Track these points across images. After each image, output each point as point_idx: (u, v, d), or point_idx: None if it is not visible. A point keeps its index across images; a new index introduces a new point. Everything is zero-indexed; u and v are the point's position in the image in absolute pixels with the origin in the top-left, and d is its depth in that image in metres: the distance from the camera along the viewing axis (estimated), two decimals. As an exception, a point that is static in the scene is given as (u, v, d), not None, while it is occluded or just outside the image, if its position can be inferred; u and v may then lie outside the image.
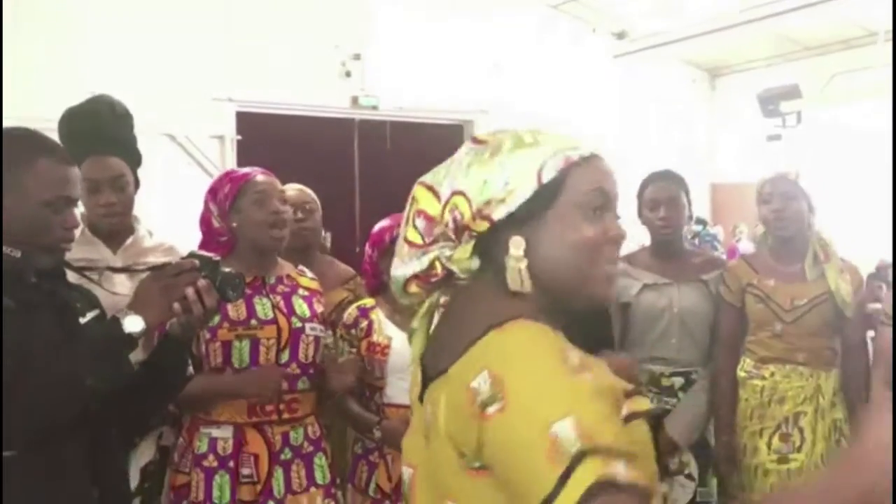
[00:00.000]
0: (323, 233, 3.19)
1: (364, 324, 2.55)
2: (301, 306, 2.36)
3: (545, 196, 1.13)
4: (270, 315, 2.28)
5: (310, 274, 2.52)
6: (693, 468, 2.73)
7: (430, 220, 1.18)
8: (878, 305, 2.76)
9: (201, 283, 1.72)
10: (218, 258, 1.84)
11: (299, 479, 2.29)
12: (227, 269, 1.80)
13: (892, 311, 2.28)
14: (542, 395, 1.00)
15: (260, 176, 2.34)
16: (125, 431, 1.89)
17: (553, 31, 5.76)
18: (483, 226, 1.14)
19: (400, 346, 2.49)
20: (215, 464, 2.23)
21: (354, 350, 2.54)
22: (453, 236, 1.17)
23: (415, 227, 1.19)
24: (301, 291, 2.41)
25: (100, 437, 1.72)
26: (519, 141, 1.15)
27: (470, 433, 1.02)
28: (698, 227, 7.04)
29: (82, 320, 1.74)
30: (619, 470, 0.95)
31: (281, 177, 3.23)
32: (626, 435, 0.98)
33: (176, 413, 2.35)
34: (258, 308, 2.26)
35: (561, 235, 1.14)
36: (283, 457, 2.27)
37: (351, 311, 2.61)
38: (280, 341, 2.28)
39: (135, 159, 2.68)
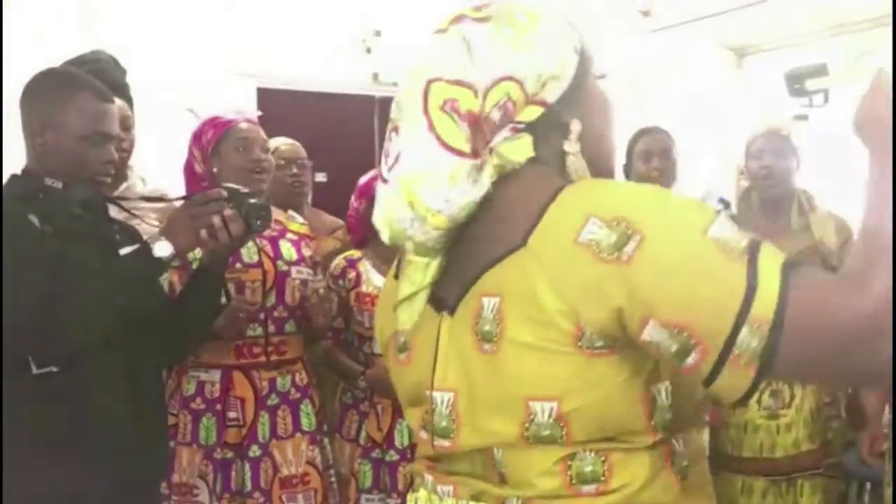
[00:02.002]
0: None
1: (352, 274, 2.60)
2: (288, 250, 2.41)
3: (580, 72, 1.05)
4: (256, 258, 2.32)
5: (300, 219, 2.57)
6: None
7: (473, 118, 1.00)
8: None
9: (228, 212, 1.80)
10: (247, 190, 1.92)
11: (285, 425, 2.34)
12: (253, 200, 1.87)
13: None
14: (673, 210, 0.93)
15: (243, 123, 2.37)
16: (165, 354, 2.00)
17: (579, 8, 5.76)
18: (537, 112, 1.02)
19: None
20: (202, 406, 2.29)
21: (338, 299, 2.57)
22: (500, 132, 1.01)
23: (449, 132, 0.99)
24: (289, 235, 2.45)
25: (138, 359, 1.83)
26: (533, 13, 1.04)
27: (605, 295, 0.90)
28: (720, 207, 7.05)
29: (123, 251, 1.82)
30: (778, 252, 0.90)
31: (302, 153, 3.30)
32: None
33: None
34: (243, 252, 2.29)
35: (600, 112, 1.08)
36: (269, 402, 2.32)
37: (338, 262, 2.64)
38: (265, 284, 2.32)
39: (131, 103, 2.77)
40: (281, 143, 3.15)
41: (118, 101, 2.58)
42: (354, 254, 2.67)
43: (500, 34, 1.02)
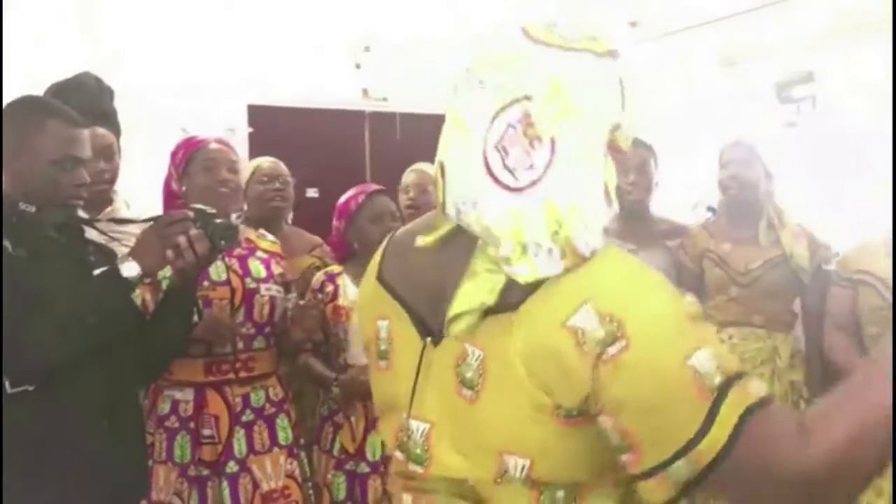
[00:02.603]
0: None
1: (330, 288, 2.67)
2: (257, 268, 2.45)
3: None
4: (224, 277, 2.37)
5: (270, 237, 2.62)
6: None
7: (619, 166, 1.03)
8: (831, 267, 2.81)
9: (193, 232, 1.85)
10: (213, 210, 1.96)
11: (262, 440, 2.39)
12: (219, 220, 1.92)
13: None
14: (669, 327, 0.91)
15: (213, 144, 2.44)
16: (141, 373, 2.04)
17: (568, 20, 5.81)
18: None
19: None
20: (176, 424, 2.33)
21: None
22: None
23: (611, 180, 1.00)
24: (259, 254, 2.50)
25: (114, 377, 1.87)
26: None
27: (577, 381, 0.91)
28: (709, 215, 7.10)
29: (97, 272, 1.86)
30: (754, 388, 0.90)
31: (293, 168, 3.32)
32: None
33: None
34: (211, 270, 2.34)
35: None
36: (244, 418, 2.37)
37: (318, 276, 2.72)
38: (233, 301, 2.37)
39: (118, 132, 2.79)
40: (263, 161, 3.22)
41: (100, 130, 2.62)
42: (335, 269, 2.75)
43: (634, 89, 1.01)
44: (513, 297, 0.96)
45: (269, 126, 5.04)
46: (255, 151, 4.75)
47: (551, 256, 0.94)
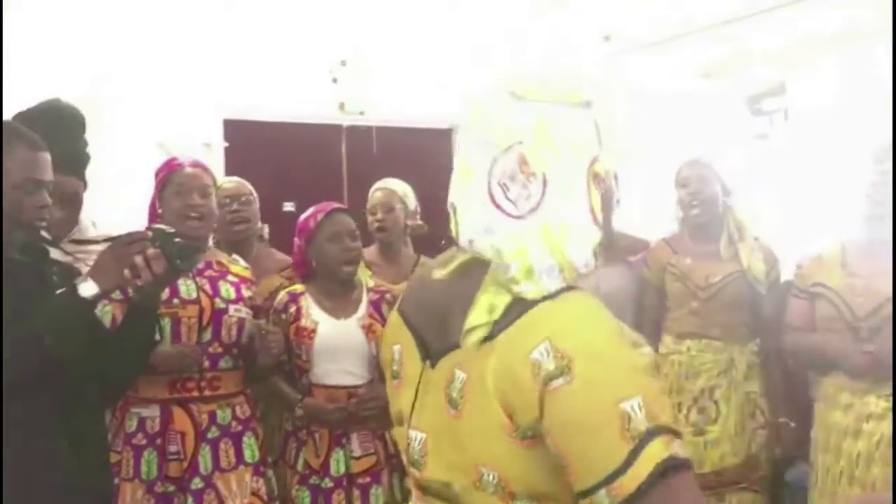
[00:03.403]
0: (259, 224, 3.33)
1: (293, 309, 2.69)
2: (227, 290, 2.49)
3: None
4: (194, 295, 2.41)
5: (243, 263, 2.66)
6: None
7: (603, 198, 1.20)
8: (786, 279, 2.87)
9: (150, 251, 1.87)
10: (172, 230, 1.99)
11: (228, 458, 2.41)
12: (178, 240, 1.94)
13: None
14: (610, 371, 1.05)
15: (187, 168, 2.48)
16: (104, 391, 2.05)
17: (540, 34, 5.87)
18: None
19: (327, 330, 2.65)
20: (143, 441, 2.36)
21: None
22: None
23: (597, 206, 1.19)
24: (230, 277, 2.54)
25: (75, 396, 1.88)
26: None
27: (529, 404, 1.05)
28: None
29: (59, 292, 1.89)
30: (679, 448, 1.03)
31: (270, 183, 3.34)
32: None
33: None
34: (182, 289, 2.39)
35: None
36: (210, 435, 2.39)
37: (282, 297, 2.74)
38: (202, 320, 2.40)
39: (84, 165, 2.77)
40: (225, 181, 3.23)
41: (66, 180, 2.59)
42: (298, 288, 2.76)
43: (610, 128, 1.21)
44: (497, 326, 1.12)
45: (245, 141, 5.06)
46: (231, 166, 4.78)
47: (552, 273, 1.13)
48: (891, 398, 2.47)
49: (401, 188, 3.42)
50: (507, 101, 1.21)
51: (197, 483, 2.36)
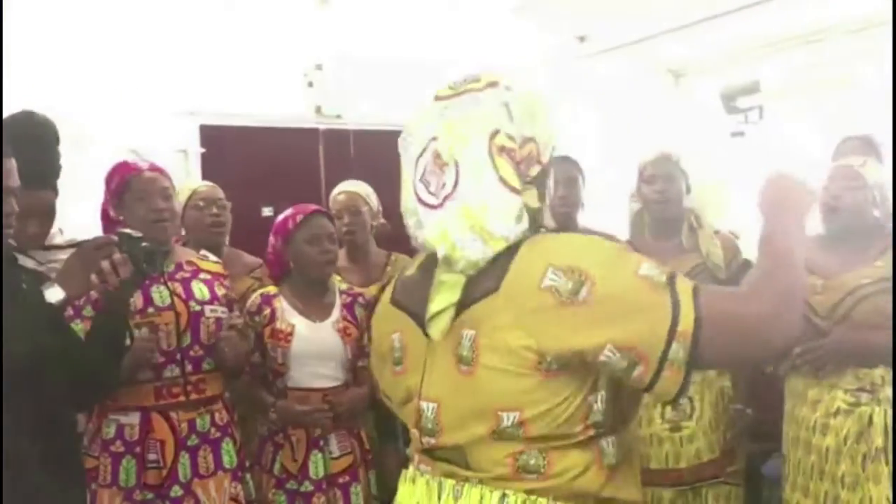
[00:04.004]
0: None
1: (267, 311, 2.68)
2: (201, 290, 2.49)
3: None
4: (168, 301, 2.41)
5: (213, 258, 2.66)
6: None
7: (518, 166, 1.30)
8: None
9: (116, 256, 1.89)
10: (139, 234, 2.00)
11: (206, 464, 2.42)
12: (144, 244, 1.96)
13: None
14: (614, 260, 1.22)
15: (147, 172, 2.46)
16: (75, 397, 2.03)
17: (514, 36, 5.89)
18: (536, 170, 1.34)
19: (303, 333, 2.65)
20: (122, 449, 2.35)
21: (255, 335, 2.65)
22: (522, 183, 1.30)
23: (510, 175, 1.29)
24: (202, 276, 2.54)
25: (45, 402, 1.87)
26: (536, 90, 1.37)
27: (566, 328, 1.19)
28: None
29: (26, 297, 1.88)
30: (687, 279, 1.22)
31: (247, 187, 3.33)
32: None
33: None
34: (155, 296, 2.39)
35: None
36: (189, 443, 2.40)
37: (254, 299, 2.73)
38: (179, 325, 2.40)
39: (57, 177, 2.74)
40: (199, 185, 3.25)
41: (39, 195, 2.57)
42: (270, 290, 2.76)
43: (525, 103, 1.33)
44: (489, 282, 1.25)
45: (221, 146, 5.05)
46: (207, 172, 4.76)
47: (475, 245, 1.25)
48: (857, 394, 2.52)
49: (363, 189, 3.41)
50: (428, 104, 1.37)
51: (176, 491, 2.37)
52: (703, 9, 6.06)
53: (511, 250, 1.26)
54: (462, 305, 1.26)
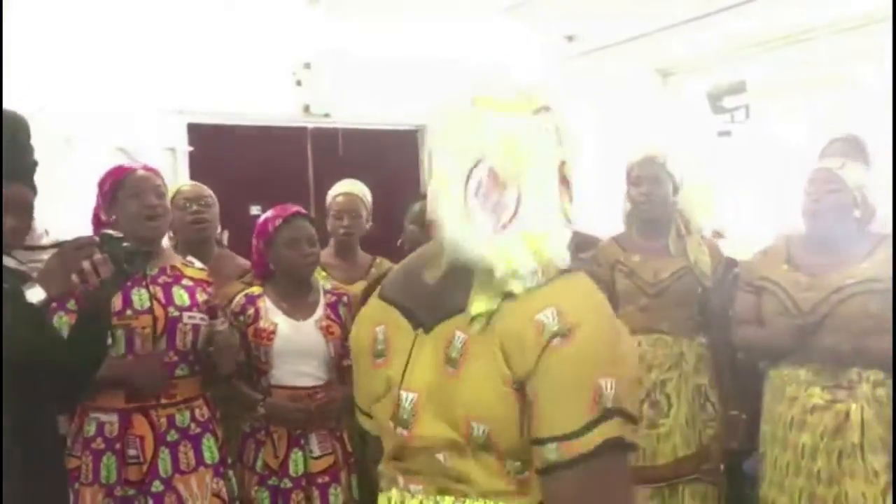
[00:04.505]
0: (219, 229, 3.36)
1: (251, 311, 2.71)
2: (181, 296, 2.50)
3: None
4: (147, 305, 2.42)
5: (198, 265, 2.66)
6: None
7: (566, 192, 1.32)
8: (735, 270, 2.96)
9: (97, 256, 1.89)
10: (121, 235, 2.01)
11: (187, 460, 2.43)
12: (127, 245, 1.97)
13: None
14: (603, 348, 1.20)
15: (140, 171, 2.50)
16: (56, 397, 2.05)
17: (505, 36, 5.91)
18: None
19: (285, 331, 2.67)
20: (102, 446, 2.37)
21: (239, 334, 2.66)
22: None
23: (567, 205, 1.31)
24: (184, 282, 2.55)
25: (26, 402, 1.88)
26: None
27: (527, 357, 1.19)
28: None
29: (6, 297, 1.88)
30: (628, 433, 1.20)
31: (235, 186, 3.35)
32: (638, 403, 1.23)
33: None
34: (135, 299, 2.40)
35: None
36: (169, 438, 2.41)
37: (238, 299, 2.75)
38: (156, 330, 2.41)
39: (32, 172, 2.77)
40: (183, 184, 3.26)
41: (18, 190, 2.59)
42: (255, 290, 2.78)
43: (566, 128, 1.31)
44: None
45: (210, 145, 5.06)
46: (196, 171, 4.78)
47: (534, 275, 1.23)
48: (834, 391, 2.55)
49: (361, 191, 3.47)
50: (472, 113, 1.30)
51: (157, 486, 2.38)
52: (691, 9, 6.10)
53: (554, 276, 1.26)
54: (459, 308, 1.26)
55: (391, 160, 5.46)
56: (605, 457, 1.17)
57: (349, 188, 3.48)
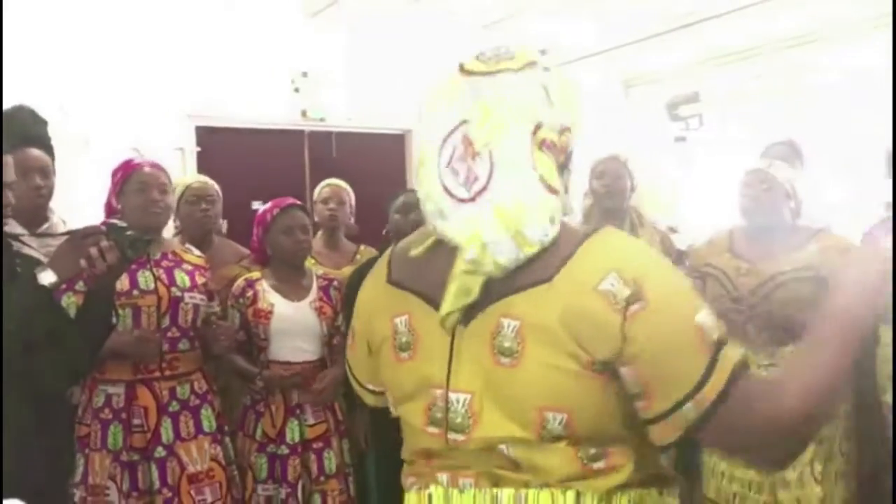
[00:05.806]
0: (221, 220, 3.37)
1: (250, 293, 2.72)
2: (183, 278, 2.50)
3: None
4: (152, 286, 2.42)
5: (196, 252, 2.67)
6: None
7: (558, 159, 1.09)
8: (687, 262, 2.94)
9: (104, 243, 1.88)
10: (125, 224, 2.01)
11: (188, 428, 2.44)
12: (130, 233, 1.96)
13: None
14: (677, 289, 1.02)
15: (147, 168, 2.49)
16: (67, 372, 2.03)
17: (482, 49, 5.92)
18: (562, 158, 1.11)
19: (282, 311, 2.68)
20: (110, 416, 2.37)
21: (239, 315, 2.70)
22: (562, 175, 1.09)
23: (549, 173, 1.06)
24: (185, 266, 2.55)
25: (40, 377, 1.88)
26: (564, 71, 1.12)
27: (610, 335, 0.99)
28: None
29: (20, 280, 1.87)
30: (738, 349, 1.01)
31: (239, 183, 3.37)
32: None
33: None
34: (140, 280, 2.40)
35: None
36: (170, 408, 2.42)
37: (239, 283, 2.77)
38: (160, 308, 2.42)
39: (52, 156, 2.81)
40: (192, 180, 3.24)
41: (36, 152, 2.62)
42: (255, 275, 2.78)
43: (563, 88, 1.09)
44: (540, 272, 1.03)
45: (216, 145, 5.06)
46: (203, 169, 4.78)
47: (508, 248, 1.02)
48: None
49: (345, 186, 3.59)
50: (454, 76, 1.11)
51: (160, 452, 2.38)
52: (651, 27, 6.15)
53: (573, 245, 1.04)
54: (500, 294, 1.04)
55: (380, 160, 5.49)
56: (737, 381, 0.98)
57: (334, 181, 3.59)
